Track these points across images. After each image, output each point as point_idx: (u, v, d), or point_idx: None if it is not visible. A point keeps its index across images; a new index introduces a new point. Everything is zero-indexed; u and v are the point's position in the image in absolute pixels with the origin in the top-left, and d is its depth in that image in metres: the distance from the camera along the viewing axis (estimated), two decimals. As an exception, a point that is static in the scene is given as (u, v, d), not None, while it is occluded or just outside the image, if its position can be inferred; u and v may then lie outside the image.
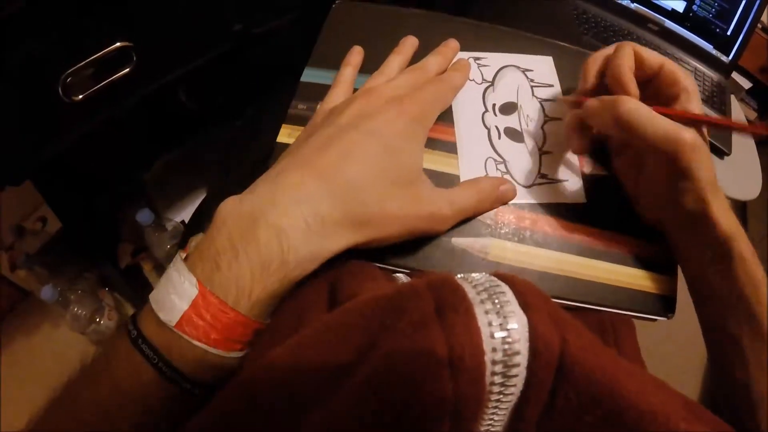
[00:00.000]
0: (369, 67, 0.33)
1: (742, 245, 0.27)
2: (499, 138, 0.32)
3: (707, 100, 0.73)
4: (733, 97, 0.79)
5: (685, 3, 0.76)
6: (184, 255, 0.23)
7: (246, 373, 0.20)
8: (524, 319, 0.17)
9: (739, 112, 0.79)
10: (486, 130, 0.32)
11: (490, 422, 0.18)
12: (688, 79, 0.28)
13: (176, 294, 0.21)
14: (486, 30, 0.37)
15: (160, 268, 1.00)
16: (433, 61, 0.31)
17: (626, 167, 0.31)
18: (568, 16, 0.73)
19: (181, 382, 0.21)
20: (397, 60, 0.32)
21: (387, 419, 0.16)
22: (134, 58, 0.42)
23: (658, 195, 0.28)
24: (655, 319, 0.30)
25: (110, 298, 0.98)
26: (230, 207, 0.23)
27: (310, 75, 0.33)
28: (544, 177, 0.31)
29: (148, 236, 0.88)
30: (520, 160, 0.31)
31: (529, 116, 0.33)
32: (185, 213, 0.96)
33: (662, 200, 0.28)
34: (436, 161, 0.30)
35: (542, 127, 0.33)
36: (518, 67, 0.35)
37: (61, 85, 0.41)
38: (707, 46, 0.78)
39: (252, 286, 0.21)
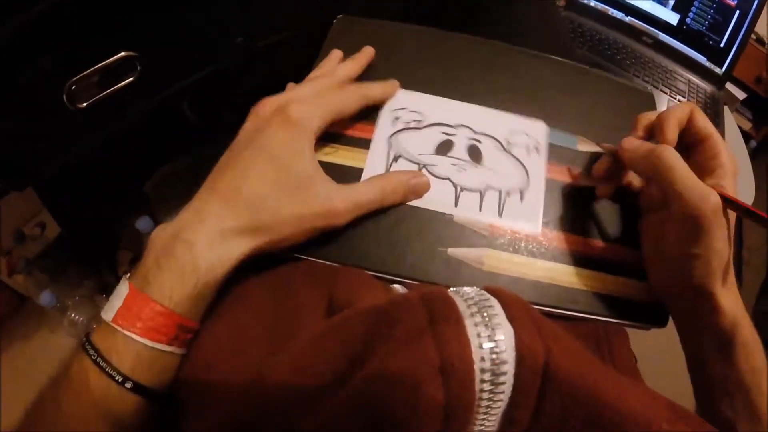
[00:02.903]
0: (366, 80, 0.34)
1: (746, 331, 0.27)
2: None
3: (701, 112, 0.74)
4: (726, 108, 0.80)
5: (678, 16, 0.78)
6: (128, 275, 0.27)
7: (246, 379, 0.21)
8: (511, 330, 0.18)
9: (732, 122, 0.81)
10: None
11: (481, 426, 0.18)
12: (729, 157, 0.28)
13: (115, 296, 0.25)
14: (484, 46, 0.37)
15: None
16: (342, 67, 0.33)
17: (649, 228, 0.30)
18: (563, 29, 0.74)
19: (117, 379, 0.23)
20: (330, 64, 0.34)
21: (382, 422, 0.17)
22: (138, 68, 0.43)
23: (673, 260, 0.28)
24: (648, 327, 0.30)
25: (108, 304, 0.98)
26: (158, 231, 0.27)
27: None
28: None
29: (147, 243, 0.88)
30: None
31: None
32: (184, 220, 0.96)
33: (675, 268, 0.28)
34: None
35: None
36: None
37: (65, 93, 0.41)
38: (701, 58, 0.79)
39: (172, 289, 0.25)
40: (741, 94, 1.13)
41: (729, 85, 0.84)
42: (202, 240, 0.26)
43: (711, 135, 0.29)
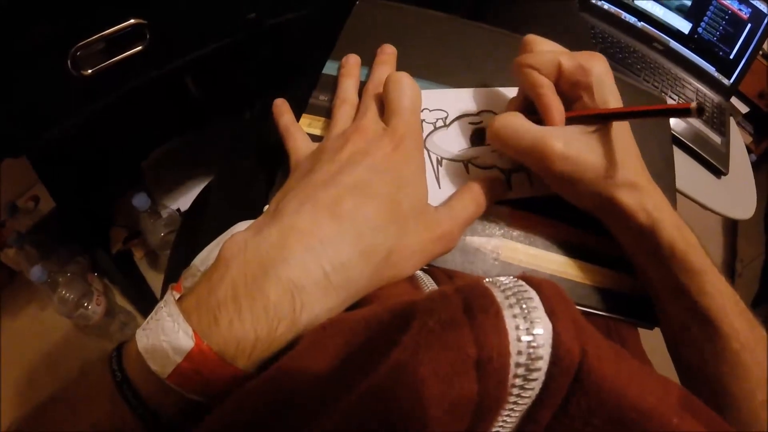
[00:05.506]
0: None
1: (672, 232, 0.24)
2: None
3: (707, 121, 0.75)
4: (732, 119, 0.80)
5: (690, 25, 0.78)
6: (177, 295, 0.20)
7: (270, 371, 0.19)
8: (549, 325, 0.17)
9: (737, 134, 0.81)
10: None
11: (502, 423, 0.17)
12: (589, 75, 0.25)
13: (169, 343, 0.18)
14: (502, 36, 0.37)
15: (152, 255, 0.99)
16: (381, 75, 0.30)
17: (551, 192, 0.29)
18: (580, 28, 0.74)
19: (140, 414, 0.19)
20: (350, 83, 0.31)
21: (406, 419, 0.15)
22: (148, 37, 0.42)
23: (566, 195, 0.27)
24: (653, 327, 0.30)
25: (99, 283, 0.96)
26: (235, 250, 0.20)
27: (331, 67, 0.33)
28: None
29: (142, 222, 0.87)
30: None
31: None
32: (181, 201, 0.95)
33: (571, 198, 0.27)
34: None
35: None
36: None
37: (70, 59, 0.40)
38: (710, 68, 0.79)
39: (254, 348, 0.19)
40: (744, 108, 1.14)
41: (733, 99, 0.85)
42: (313, 281, 0.20)
43: (559, 62, 0.26)
